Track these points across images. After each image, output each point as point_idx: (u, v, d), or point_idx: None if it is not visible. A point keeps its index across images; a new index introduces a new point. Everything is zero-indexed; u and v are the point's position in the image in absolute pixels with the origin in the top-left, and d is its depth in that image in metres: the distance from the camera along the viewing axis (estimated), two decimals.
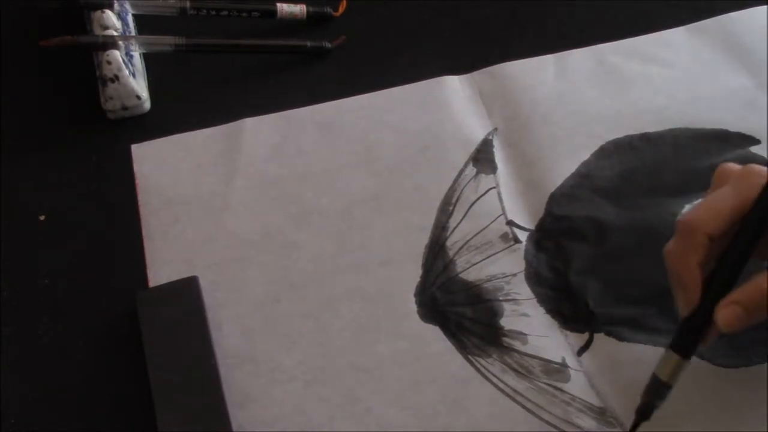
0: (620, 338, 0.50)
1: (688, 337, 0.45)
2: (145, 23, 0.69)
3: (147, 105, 0.64)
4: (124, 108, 0.63)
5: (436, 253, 0.55)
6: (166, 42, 0.65)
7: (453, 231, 0.56)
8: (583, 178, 0.58)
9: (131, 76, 0.62)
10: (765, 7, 0.67)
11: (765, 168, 0.45)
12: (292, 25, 0.70)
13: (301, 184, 0.59)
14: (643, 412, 0.45)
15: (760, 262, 0.45)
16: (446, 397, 0.49)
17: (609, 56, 0.65)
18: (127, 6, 0.68)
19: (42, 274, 0.55)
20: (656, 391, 0.45)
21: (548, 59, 0.65)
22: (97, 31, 0.64)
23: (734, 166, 0.46)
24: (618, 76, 0.64)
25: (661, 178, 0.57)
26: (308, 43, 0.67)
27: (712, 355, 0.49)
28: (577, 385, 0.49)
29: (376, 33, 0.69)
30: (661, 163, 0.58)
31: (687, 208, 0.55)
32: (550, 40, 0.67)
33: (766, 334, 0.49)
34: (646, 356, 0.49)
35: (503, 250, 0.55)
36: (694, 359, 0.49)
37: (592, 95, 0.63)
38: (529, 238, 0.55)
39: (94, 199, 0.59)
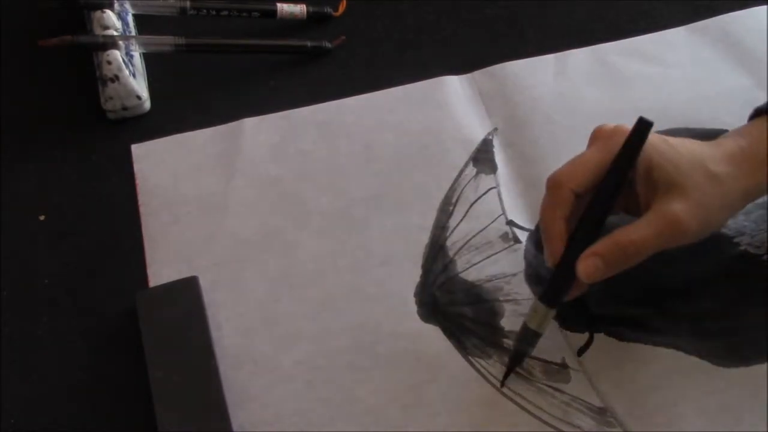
0: (620, 338, 0.50)
1: (555, 289, 0.47)
2: (145, 23, 0.69)
3: (147, 105, 0.64)
4: (124, 108, 0.63)
5: (436, 253, 0.55)
6: (166, 42, 0.65)
7: (453, 231, 0.56)
8: None
9: (131, 76, 0.62)
10: (765, 7, 0.67)
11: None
12: (292, 25, 0.70)
13: (301, 184, 0.59)
14: (516, 359, 0.49)
15: (627, 216, 0.47)
16: (446, 397, 0.49)
17: (609, 56, 0.65)
18: (127, 6, 0.68)
19: (42, 274, 0.56)
20: (527, 339, 0.48)
21: (548, 59, 0.65)
22: (97, 31, 0.64)
23: (608, 126, 0.48)
24: (618, 76, 0.64)
25: None
26: (308, 43, 0.67)
27: (712, 355, 0.49)
28: (577, 385, 0.49)
29: (376, 33, 0.69)
30: None
31: None
32: (550, 40, 0.67)
33: (766, 334, 0.50)
34: (646, 356, 0.49)
35: (503, 250, 0.55)
36: (695, 359, 0.49)
37: (592, 95, 0.63)
38: (529, 238, 0.55)
39: (94, 199, 0.59)
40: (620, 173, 0.45)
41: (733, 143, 0.48)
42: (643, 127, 0.45)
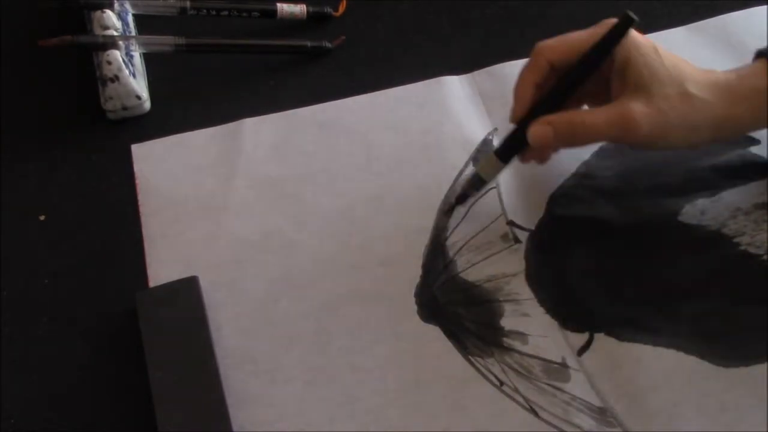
0: (620, 338, 0.50)
1: (510, 145, 0.52)
2: (145, 23, 0.69)
3: (147, 105, 0.64)
4: (124, 108, 0.63)
5: (436, 253, 0.55)
6: (166, 42, 0.65)
7: (453, 231, 0.56)
8: (583, 178, 0.58)
9: (131, 76, 0.62)
10: (765, 7, 0.67)
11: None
12: (292, 25, 0.70)
13: (301, 184, 0.59)
14: (460, 198, 0.55)
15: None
16: (446, 397, 0.49)
17: None
18: (127, 6, 0.68)
19: (42, 274, 0.56)
20: (475, 184, 0.55)
21: None
22: (97, 31, 0.64)
23: (611, 19, 0.51)
24: None
25: (661, 178, 0.57)
26: (308, 43, 0.67)
27: (712, 355, 0.49)
28: (577, 385, 0.49)
29: (376, 33, 0.69)
30: (661, 163, 0.58)
31: (687, 208, 0.55)
32: None
33: (766, 334, 0.50)
34: (646, 356, 0.49)
35: (503, 250, 0.55)
36: (695, 359, 0.49)
37: None
38: (529, 238, 0.55)
39: (94, 199, 0.60)
40: (594, 57, 0.50)
41: (722, 75, 0.51)
42: (626, 20, 0.49)
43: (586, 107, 0.54)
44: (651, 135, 0.49)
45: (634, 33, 0.50)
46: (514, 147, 0.52)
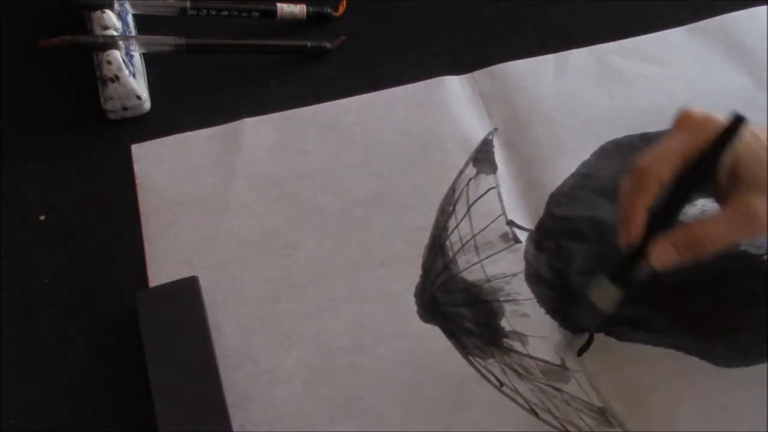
0: (620, 338, 0.50)
1: (626, 271, 0.47)
2: (145, 23, 0.69)
3: (147, 105, 0.64)
4: (124, 108, 0.63)
5: (436, 253, 0.55)
6: (166, 42, 0.65)
7: (453, 231, 0.56)
8: (583, 178, 0.58)
9: (131, 76, 0.62)
10: (765, 7, 0.67)
11: (723, 118, 0.45)
12: (292, 25, 0.70)
13: (301, 184, 0.59)
14: (578, 329, 0.50)
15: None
16: (446, 397, 0.49)
17: (609, 56, 0.65)
18: (127, 6, 0.68)
19: (42, 274, 0.56)
20: (591, 315, 0.48)
21: (548, 59, 0.65)
22: (97, 31, 0.64)
23: (697, 112, 0.47)
24: (618, 76, 0.64)
25: None
26: (308, 43, 0.67)
27: (712, 355, 0.49)
28: (577, 385, 0.49)
29: (376, 33, 0.69)
30: None
31: (686, 208, 0.55)
32: (550, 40, 0.67)
33: (766, 334, 0.50)
34: (646, 356, 0.49)
35: (503, 250, 0.55)
36: (695, 359, 0.49)
37: (592, 95, 0.63)
38: (529, 238, 0.55)
39: (94, 199, 0.60)
40: (707, 168, 0.45)
41: None
42: (736, 124, 0.45)
43: None
44: None
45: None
46: (629, 271, 0.47)
